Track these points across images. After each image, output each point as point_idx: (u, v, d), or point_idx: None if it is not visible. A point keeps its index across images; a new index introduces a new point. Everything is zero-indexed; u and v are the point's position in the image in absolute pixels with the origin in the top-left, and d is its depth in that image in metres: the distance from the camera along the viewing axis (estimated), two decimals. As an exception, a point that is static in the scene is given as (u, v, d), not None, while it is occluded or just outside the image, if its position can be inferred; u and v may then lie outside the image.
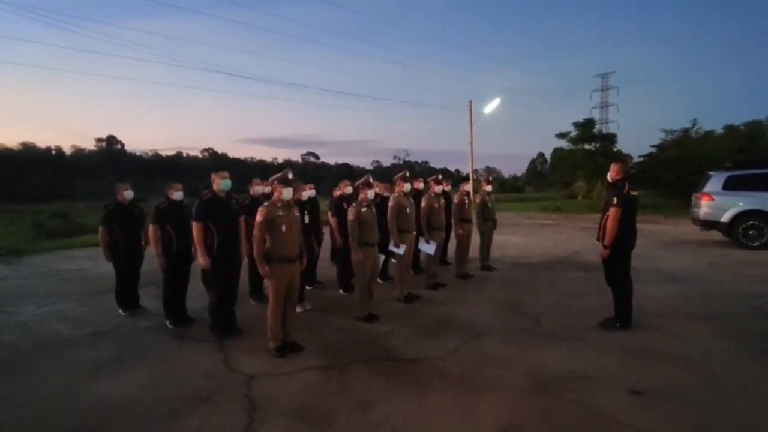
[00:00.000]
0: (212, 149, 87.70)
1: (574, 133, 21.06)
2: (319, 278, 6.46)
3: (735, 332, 4.16)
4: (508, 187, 60.25)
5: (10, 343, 4.30)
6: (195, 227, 4.07)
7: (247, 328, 4.39)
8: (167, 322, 4.63)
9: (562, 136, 21.40)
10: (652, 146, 23.81)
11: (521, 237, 11.63)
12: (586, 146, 21.17)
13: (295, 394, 3.11)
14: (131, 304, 5.16)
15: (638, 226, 4.37)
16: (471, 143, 23.30)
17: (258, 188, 5.44)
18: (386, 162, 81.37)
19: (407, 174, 5.50)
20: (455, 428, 2.63)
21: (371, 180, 4.81)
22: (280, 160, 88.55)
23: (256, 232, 3.62)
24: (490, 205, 7.29)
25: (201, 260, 4.11)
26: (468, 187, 6.81)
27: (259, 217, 3.63)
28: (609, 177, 4.36)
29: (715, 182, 9.03)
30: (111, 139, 79.12)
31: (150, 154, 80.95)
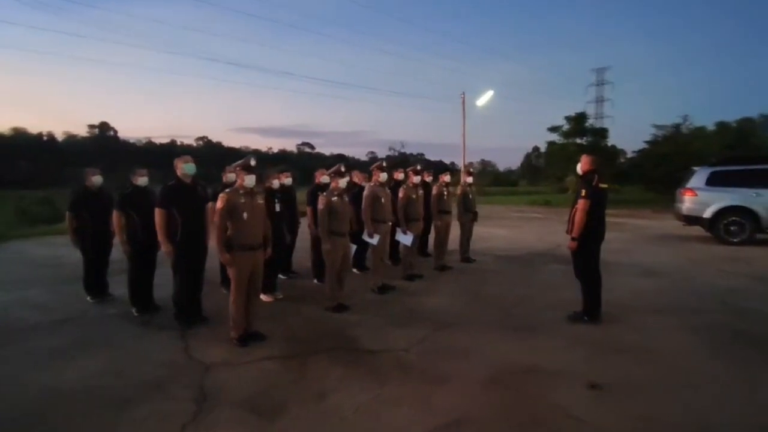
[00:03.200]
0: (206, 138, 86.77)
1: (565, 127, 21.07)
2: (295, 268, 6.40)
3: (703, 327, 4.15)
4: (502, 181, 60.18)
5: (-31, 329, 4.22)
6: (157, 214, 3.98)
7: (214, 317, 4.32)
8: (133, 310, 4.55)
9: (553, 129, 21.39)
10: (646, 142, 23.91)
11: (507, 230, 11.61)
12: (578, 140, 21.17)
13: (251, 383, 3.07)
14: (100, 292, 5.08)
15: (624, 220, 4.41)
16: (464, 135, 23.25)
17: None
18: (382, 153, 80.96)
19: (384, 164, 5.42)
20: (405, 420, 2.60)
21: (343, 169, 4.73)
22: (275, 150, 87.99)
23: (216, 218, 3.55)
24: (470, 196, 7.23)
25: (163, 248, 4.04)
26: (447, 178, 6.73)
27: (219, 204, 3.55)
28: (579, 169, 4.32)
29: (698, 178, 9.01)
30: (104, 126, 78.16)
31: (143, 141, 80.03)
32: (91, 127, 76.19)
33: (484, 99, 22.55)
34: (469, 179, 7.25)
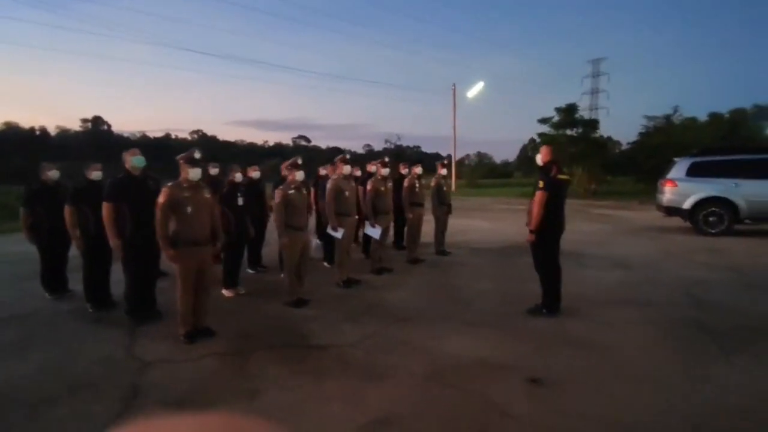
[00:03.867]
0: (201, 131, 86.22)
1: (556, 119, 20.92)
2: (265, 261, 6.34)
3: (662, 320, 4.09)
4: (497, 173, 59.96)
5: None
6: (104, 208, 3.90)
7: (172, 313, 4.24)
8: (88, 306, 4.48)
9: (544, 121, 21.22)
10: (641, 133, 23.77)
11: (488, 222, 11.55)
12: (568, 132, 21.03)
13: (186, 381, 3.01)
14: (58, 288, 5.00)
15: (609, 212, 4.36)
16: (454, 128, 23.18)
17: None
18: (378, 146, 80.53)
19: (347, 156, 5.33)
20: (332, 418, 2.54)
21: (300, 161, 4.63)
22: (271, 143, 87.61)
23: (157, 213, 3.46)
24: (444, 189, 7.16)
25: (111, 242, 3.96)
26: (418, 170, 6.65)
27: (161, 199, 3.47)
28: (538, 160, 4.24)
29: (679, 168, 8.94)
30: (97, 120, 77.61)
31: (138, 135, 79.45)
32: (84, 121, 75.65)
33: (474, 90, 22.40)
34: (443, 171, 7.17)
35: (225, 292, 5.03)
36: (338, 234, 5.18)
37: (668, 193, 8.99)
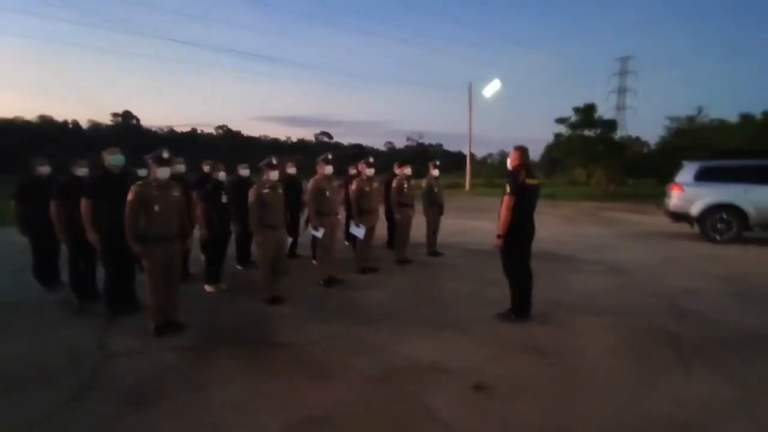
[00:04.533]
0: (226, 126, 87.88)
1: (573, 119, 20.46)
2: (254, 258, 6.45)
3: (634, 329, 3.99)
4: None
5: None
6: (83, 204, 4.06)
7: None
8: (74, 297, 4.68)
9: (561, 121, 20.79)
10: (663, 136, 23.05)
11: (491, 223, 11.36)
12: (587, 132, 20.53)
13: (142, 373, 3.12)
14: (50, 279, 5.22)
15: (619, 215, 4.29)
16: (470, 126, 23.00)
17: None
18: (400, 143, 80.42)
19: (329, 157, 5.38)
20: (267, 415, 2.59)
21: (274, 161, 4.71)
22: (294, 139, 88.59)
23: (126, 210, 3.59)
24: (436, 189, 7.13)
25: (89, 236, 4.12)
26: (407, 171, 6.65)
27: (129, 197, 3.59)
28: (508, 164, 4.19)
29: (686, 172, 8.65)
30: (127, 115, 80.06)
31: (165, 130, 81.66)
32: (115, 115, 78.07)
33: (491, 89, 22.12)
34: (435, 173, 7.15)
35: (207, 287, 5.16)
36: (319, 233, 5.24)
37: (675, 198, 8.71)
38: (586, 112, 20.40)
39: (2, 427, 2.54)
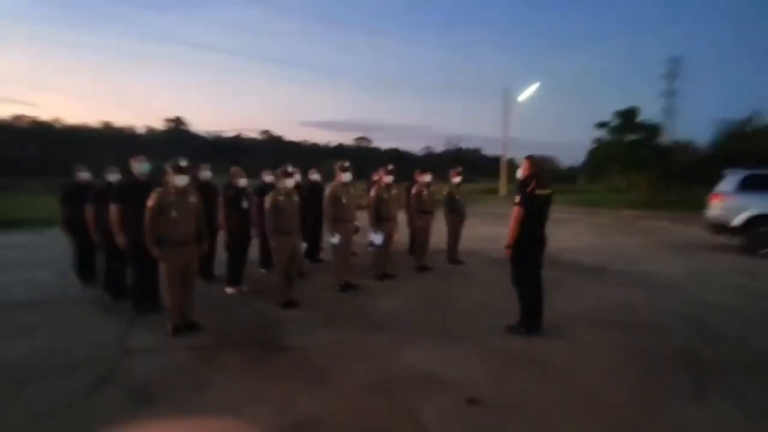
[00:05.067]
0: (269, 132, 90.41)
1: (614, 123, 19.65)
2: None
3: (649, 348, 3.84)
4: (561, 178, 57.28)
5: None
6: (111, 209, 4.36)
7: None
8: (107, 295, 5.01)
9: (601, 126, 20.03)
10: (713, 141, 21.75)
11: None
12: (628, 137, 19.66)
13: (155, 370, 3.31)
14: (89, 277, 5.62)
15: (659, 224, 4.15)
16: (504, 131, 22.64)
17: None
18: (438, 148, 79.96)
19: (346, 164, 5.49)
20: (259, 416, 2.70)
21: (290, 169, 4.86)
22: (333, 144, 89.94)
23: (146, 216, 3.83)
24: (458, 197, 7.10)
25: (116, 239, 4.41)
26: (427, 178, 6.67)
27: (149, 203, 3.83)
28: (519, 173, 4.14)
29: (729, 182, 8.16)
30: (178, 121, 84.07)
31: (212, 135, 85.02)
32: (168, 121, 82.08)
33: (528, 92, 21.70)
34: (456, 180, 7.12)
35: (228, 289, 5.38)
36: (335, 239, 5.36)
37: (716, 209, 8.24)
38: (628, 116, 19.57)
39: (27, 414, 2.77)
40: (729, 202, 8.04)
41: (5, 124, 50.87)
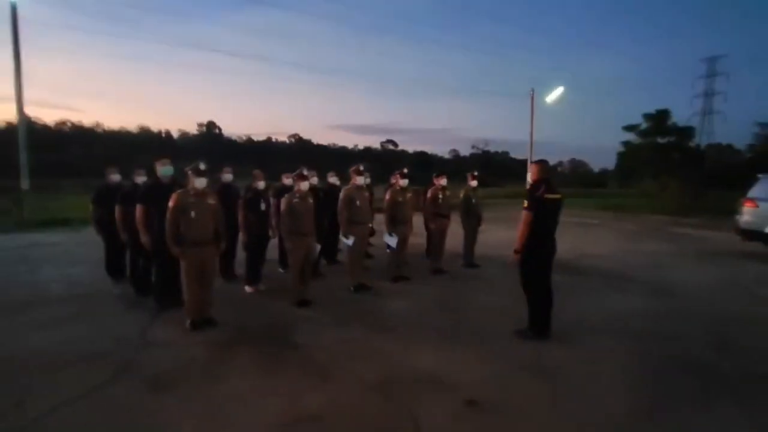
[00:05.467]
0: (298, 135, 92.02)
1: (644, 126, 19.03)
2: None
3: (662, 358, 3.74)
4: (590, 182, 55.89)
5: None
6: (137, 209, 4.61)
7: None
8: (133, 291, 5.28)
9: (630, 128, 19.42)
10: (751, 144, 20.79)
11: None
12: (659, 140, 19.01)
13: (172, 362, 3.50)
14: (118, 274, 5.92)
15: (689, 231, 4.10)
16: (531, 134, 22.32)
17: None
18: (465, 151, 79.46)
19: (360, 168, 5.60)
20: (263, 410, 2.82)
21: (305, 172, 5.00)
22: (360, 147, 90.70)
23: (168, 216, 4.04)
24: (474, 201, 7.10)
25: (141, 238, 4.65)
26: (443, 182, 6.70)
27: (170, 203, 4.03)
28: (528, 178, 4.13)
29: (761, 187, 7.84)
30: (211, 125, 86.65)
31: (244, 138, 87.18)
32: (200, 125, 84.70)
33: (554, 95, 21.35)
34: (473, 183, 7.12)
35: (246, 288, 5.57)
36: (349, 241, 5.47)
37: (747, 215, 7.93)
38: (659, 119, 18.93)
39: (53, 398, 2.97)
40: (762, 208, 7.71)
41: (50, 129, 53.71)
